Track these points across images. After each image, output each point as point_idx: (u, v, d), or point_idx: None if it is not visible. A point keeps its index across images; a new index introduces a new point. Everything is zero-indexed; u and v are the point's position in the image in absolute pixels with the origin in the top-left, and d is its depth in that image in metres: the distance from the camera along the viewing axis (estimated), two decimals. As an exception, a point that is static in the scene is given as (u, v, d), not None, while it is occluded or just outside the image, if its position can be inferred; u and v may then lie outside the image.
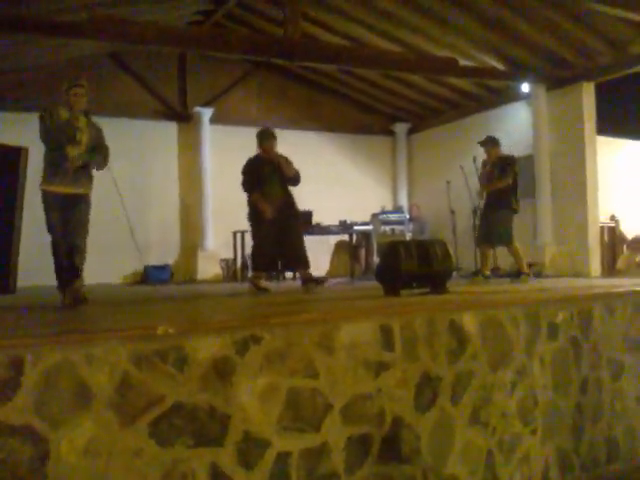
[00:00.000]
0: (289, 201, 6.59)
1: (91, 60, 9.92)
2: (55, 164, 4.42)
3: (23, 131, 8.54)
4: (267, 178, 6.48)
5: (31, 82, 9.50)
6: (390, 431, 3.46)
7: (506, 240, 7.24)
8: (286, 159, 6.63)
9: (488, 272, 7.36)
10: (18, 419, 2.49)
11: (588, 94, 8.86)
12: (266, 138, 6.62)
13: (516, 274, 7.28)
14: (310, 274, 6.45)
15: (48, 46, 8.45)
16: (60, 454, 2.56)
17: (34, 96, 9.49)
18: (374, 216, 9.97)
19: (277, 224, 6.33)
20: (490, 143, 7.48)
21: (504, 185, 7.21)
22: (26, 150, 2.63)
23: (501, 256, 8.48)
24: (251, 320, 3.38)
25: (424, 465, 3.56)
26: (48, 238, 8.24)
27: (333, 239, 11.71)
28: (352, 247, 11.09)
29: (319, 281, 6.55)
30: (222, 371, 2.97)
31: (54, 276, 4.52)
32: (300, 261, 6.45)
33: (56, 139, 4.53)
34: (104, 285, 8.89)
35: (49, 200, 4.30)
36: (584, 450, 4.44)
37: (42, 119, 4.63)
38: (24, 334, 2.79)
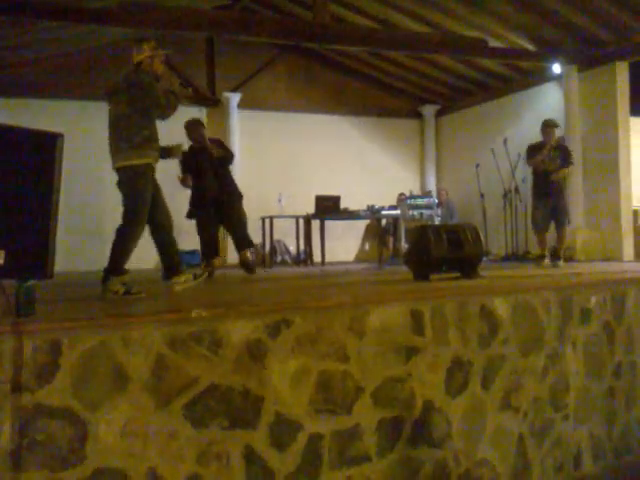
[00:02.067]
0: (224, 186, 6.67)
1: (120, 46, 9.98)
2: (154, 138, 4.40)
3: (52, 117, 8.77)
4: (201, 167, 6.53)
5: (62, 69, 9.61)
6: (421, 415, 3.47)
7: (568, 222, 7.48)
8: (219, 142, 6.89)
9: (547, 254, 7.40)
10: (57, 401, 2.56)
11: (621, 74, 8.65)
12: (193, 129, 6.67)
13: (553, 254, 7.35)
14: (248, 257, 6.91)
15: (77, 33, 8.53)
16: (98, 435, 2.62)
17: (65, 83, 9.64)
18: (402, 200, 9.92)
19: (216, 208, 6.63)
20: (556, 126, 7.49)
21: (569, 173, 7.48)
22: (62, 136, 2.66)
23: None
24: (283, 304, 3.41)
25: (455, 449, 3.57)
26: (84, 224, 8.37)
27: (362, 223, 11.72)
28: (380, 232, 11.08)
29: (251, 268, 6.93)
30: (255, 354, 3.01)
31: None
32: (241, 240, 6.86)
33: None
34: (138, 270, 9.00)
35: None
36: (617, 436, 4.41)
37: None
38: (62, 318, 2.84)
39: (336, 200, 9.35)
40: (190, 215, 6.73)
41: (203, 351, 2.87)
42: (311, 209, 9.28)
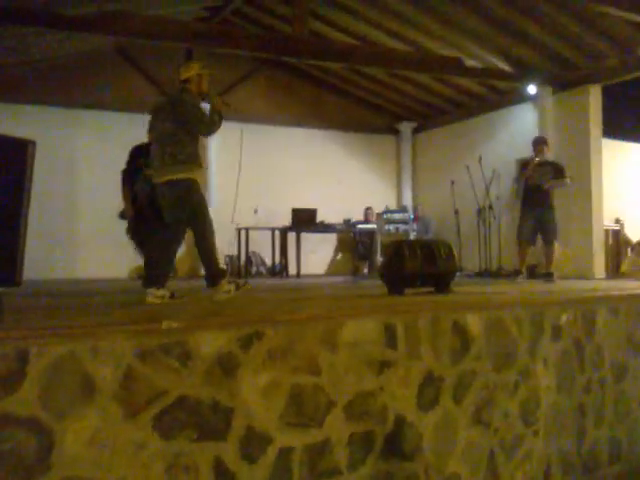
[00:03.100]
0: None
1: (98, 54, 9.94)
2: (197, 154, 4.57)
3: (28, 123, 8.67)
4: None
5: (38, 75, 9.53)
6: (392, 429, 3.47)
7: (556, 237, 7.53)
8: None
9: (524, 272, 7.45)
10: (24, 411, 2.51)
11: (595, 97, 8.84)
12: None
13: (546, 275, 7.47)
14: None
15: (55, 40, 8.47)
16: (65, 445, 2.57)
17: (42, 89, 9.55)
18: (378, 215, 9.97)
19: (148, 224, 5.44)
20: (545, 143, 7.68)
21: (568, 184, 7.57)
22: (33, 143, 2.63)
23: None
24: (255, 316, 3.39)
25: (426, 463, 3.57)
26: (57, 231, 8.22)
27: (337, 237, 11.76)
28: (355, 246, 11.12)
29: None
30: (226, 366, 2.98)
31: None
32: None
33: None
34: (110, 279, 8.91)
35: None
36: (586, 451, 4.44)
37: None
38: (30, 326, 2.80)
39: (312, 213, 9.38)
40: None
41: (173, 363, 2.83)
42: (287, 221, 9.29)
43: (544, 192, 7.39)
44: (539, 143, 7.61)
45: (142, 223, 5.48)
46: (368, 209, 11.17)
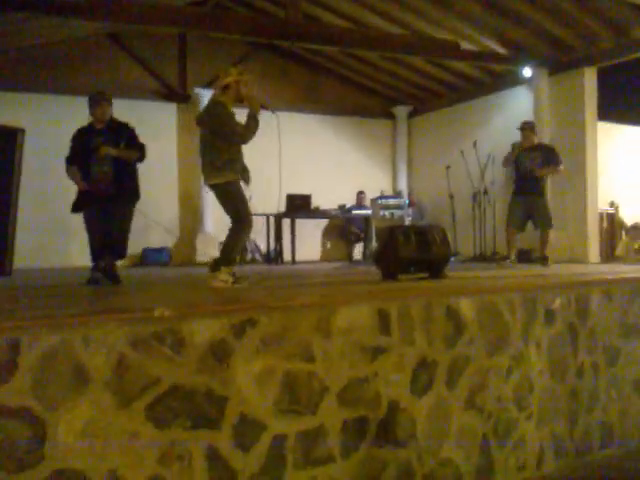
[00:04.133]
0: (121, 179, 5.37)
1: (90, 40, 9.86)
2: (234, 159, 4.90)
3: (19, 111, 8.61)
4: (94, 152, 5.29)
5: (29, 62, 9.44)
6: (386, 415, 3.48)
7: (550, 224, 7.46)
8: (126, 129, 5.62)
9: (514, 257, 7.44)
10: (15, 401, 2.50)
11: (590, 79, 8.81)
12: (96, 103, 5.55)
13: (542, 259, 7.45)
14: (116, 267, 5.40)
15: (46, 26, 8.38)
16: (57, 436, 2.57)
17: (33, 76, 9.46)
18: (373, 201, 9.95)
19: (102, 206, 5.29)
20: (530, 128, 7.58)
21: (560, 171, 7.48)
22: (22, 131, 2.61)
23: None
24: (248, 304, 3.39)
25: (419, 449, 3.59)
26: (49, 220, 8.18)
27: (332, 223, 11.73)
28: (349, 231, 11.11)
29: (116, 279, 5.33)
30: (219, 354, 2.98)
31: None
32: (115, 251, 5.39)
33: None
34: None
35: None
36: (579, 435, 4.47)
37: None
38: (21, 316, 2.79)
39: (307, 199, 9.35)
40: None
41: (166, 351, 2.83)
42: (282, 207, 9.26)
43: (535, 178, 7.34)
44: (524, 129, 7.53)
45: (94, 202, 5.29)
46: (360, 193, 11.13)
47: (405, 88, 11.91)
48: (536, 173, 7.30)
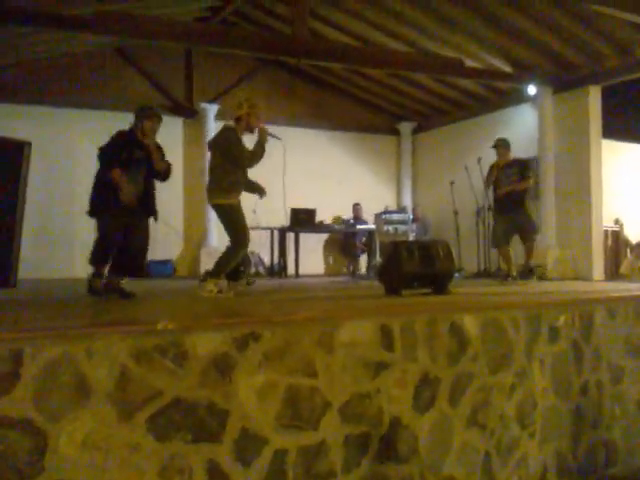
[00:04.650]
0: (149, 197, 5.36)
1: (98, 54, 9.94)
2: (239, 182, 5.44)
3: (26, 123, 8.66)
4: (134, 163, 5.22)
5: (38, 75, 9.52)
6: (388, 431, 3.46)
7: (536, 233, 7.48)
8: (159, 148, 5.52)
9: (515, 272, 7.40)
10: (17, 412, 2.50)
11: (595, 97, 8.83)
12: (149, 117, 5.40)
13: (528, 271, 7.43)
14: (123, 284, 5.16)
15: (54, 39, 8.47)
16: (58, 447, 2.57)
17: (41, 89, 9.54)
18: (377, 216, 9.96)
19: (129, 217, 5.16)
20: (502, 146, 7.54)
21: (528, 186, 7.41)
22: (29, 144, 2.63)
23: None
24: (251, 317, 3.39)
25: (421, 465, 3.56)
26: (54, 232, 8.16)
27: (335, 237, 11.74)
28: (352, 245, 11.11)
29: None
30: (221, 367, 2.98)
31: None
32: (130, 268, 5.24)
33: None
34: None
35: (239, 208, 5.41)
36: (582, 454, 4.44)
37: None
38: (25, 327, 2.79)
39: (311, 213, 9.37)
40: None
41: (168, 364, 2.83)
42: (286, 221, 9.28)
43: (513, 194, 7.33)
44: (498, 146, 7.58)
45: (121, 213, 5.09)
46: (356, 205, 11.13)
47: (410, 105, 11.97)
48: (498, 191, 7.35)
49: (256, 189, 5.90)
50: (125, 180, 5.04)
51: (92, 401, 2.67)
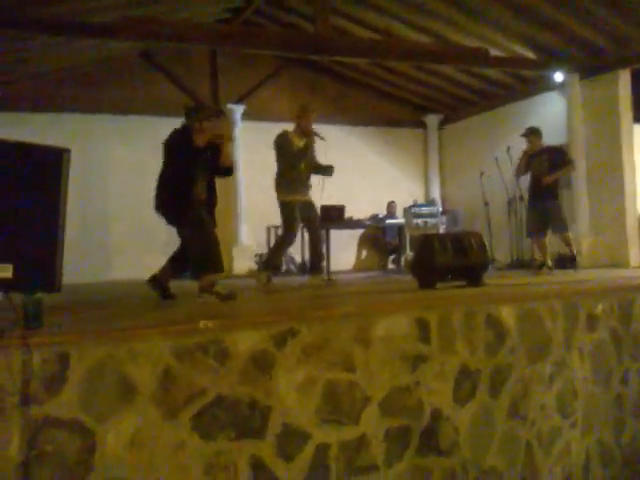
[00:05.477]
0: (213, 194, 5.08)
1: (123, 59, 10.07)
2: (295, 180, 5.97)
3: (59, 130, 8.81)
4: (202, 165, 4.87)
5: (68, 82, 9.68)
6: (429, 424, 3.47)
7: (565, 228, 7.35)
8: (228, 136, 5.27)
9: (550, 262, 7.34)
10: (66, 413, 2.57)
11: (624, 82, 8.67)
12: (209, 117, 5.04)
13: (570, 260, 7.37)
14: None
15: (79, 47, 8.59)
16: (106, 447, 2.63)
17: (72, 96, 9.70)
18: (407, 210, 9.92)
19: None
20: (533, 134, 7.51)
21: (572, 170, 7.44)
22: (68, 151, 2.68)
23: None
24: (288, 314, 3.42)
25: (463, 458, 3.56)
26: (89, 237, 8.26)
27: (364, 233, 11.74)
28: (383, 240, 11.10)
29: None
30: (261, 364, 3.01)
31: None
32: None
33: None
34: (142, 282, 9.02)
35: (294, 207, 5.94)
36: (626, 444, 4.39)
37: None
38: (69, 331, 2.85)
39: (341, 210, 9.36)
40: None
41: (210, 362, 2.87)
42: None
43: (542, 184, 7.26)
44: (528, 134, 7.54)
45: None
46: (391, 203, 11.14)
47: (435, 96, 11.89)
48: (543, 182, 7.24)
49: (321, 170, 6.32)
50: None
51: (137, 401, 2.72)
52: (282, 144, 6.04)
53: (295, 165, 6.02)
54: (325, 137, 6.28)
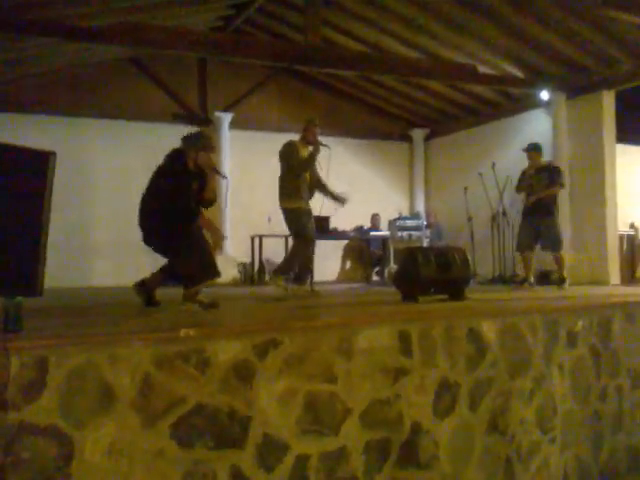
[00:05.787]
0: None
1: (112, 64, 10.05)
2: (300, 188, 6.26)
3: (44, 133, 8.75)
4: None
5: (53, 86, 9.64)
6: (409, 436, 3.47)
7: (559, 247, 7.38)
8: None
9: (533, 279, 7.40)
10: (43, 419, 2.53)
11: (608, 102, 8.80)
12: (205, 148, 4.94)
13: (559, 280, 7.40)
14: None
15: (70, 51, 8.57)
16: (84, 454, 2.60)
17: (56, 100, 9.65)
18: (391, 222, 9.97)
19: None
20: (535, 150, 7.59)
21: (554, 192, 7.43)
22: (54, 154, 2.67)
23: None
24: (271, 324, 3.41)
25: (443, 471, 3.57)
26: (72, 241, 8.20)
27: (349, 244, 11.76)
28: (367, 252, 11.12)
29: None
30: (242, 374, 3.00)
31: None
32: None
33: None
34: (123, 288, 8.96)
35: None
36: (604, 459, 4.42)
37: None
38: (49, 335, 2.83)
39: (326, 221, 9.38)
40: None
41: (190, 370, 2.86)
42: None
43: (542, 200, 7.34)
44: (528, 150, 7.63)
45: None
46: (375, 215, 11.18)
47: (422, 111, 11.98)
48: (530, 198, 7.33)
49: (334, 197, 6.91)
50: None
51: (116, 408, 2.69)
52: (290, 153, 6.36)
53: (300, 174, 6.35)
54: (329, 145, 6.71)
